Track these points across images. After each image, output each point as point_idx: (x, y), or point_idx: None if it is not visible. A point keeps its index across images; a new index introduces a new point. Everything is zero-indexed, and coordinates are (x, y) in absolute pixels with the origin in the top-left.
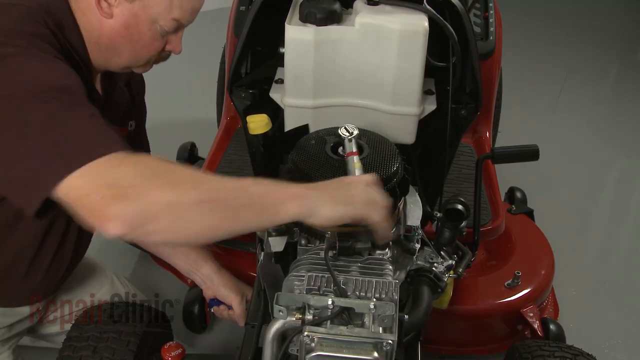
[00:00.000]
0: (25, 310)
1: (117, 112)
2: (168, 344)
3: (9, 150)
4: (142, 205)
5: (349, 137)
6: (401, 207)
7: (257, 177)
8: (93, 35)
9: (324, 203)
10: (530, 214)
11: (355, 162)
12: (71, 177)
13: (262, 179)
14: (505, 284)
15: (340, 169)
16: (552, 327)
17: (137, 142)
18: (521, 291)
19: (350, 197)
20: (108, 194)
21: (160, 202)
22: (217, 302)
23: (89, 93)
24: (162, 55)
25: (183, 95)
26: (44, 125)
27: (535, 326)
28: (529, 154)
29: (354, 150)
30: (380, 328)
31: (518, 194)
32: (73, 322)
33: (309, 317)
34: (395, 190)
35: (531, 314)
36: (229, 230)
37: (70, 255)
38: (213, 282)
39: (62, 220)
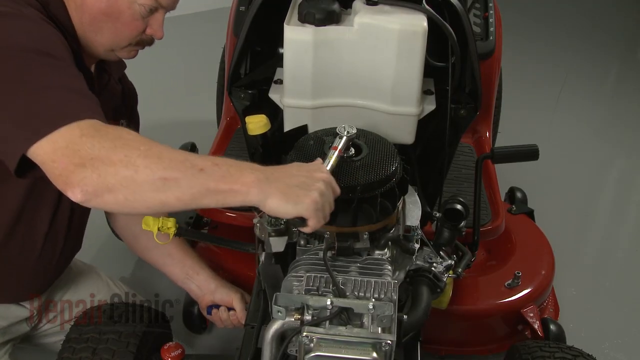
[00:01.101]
0: (21, 312)
1: (109, 104)
2: (168, 345)
3: None
4: (100, 177)
5: (342, 135)
6: (400, 207)
7: (218, 157)
8: (77, 13)
9: (275, 195)
10: (530, 214)
11: (333, 158)
12: (40, 143)
13: (223, 159)
14: (506, 284)
15: (340, 170)
16: (552, 327)
17: None
18: (521, 291)
19: (304, 196)
20: (71, 163)
21: (118, 176)
22: (215, 306)
23: (86, 78)
24: (144, 39)
25: (183, 95)
26: (24, 85)
27: (536, 326)
28: (529, 153)
29: (339, 147)
30: (379, 328)
31: (518, 194)
32: (72, 323)
33: (307, 317)
34: (394, 190)
35: (531, 314)
36: (182, 207)
37: (63, 234)
38: (210, 285)
39: (52, 199)
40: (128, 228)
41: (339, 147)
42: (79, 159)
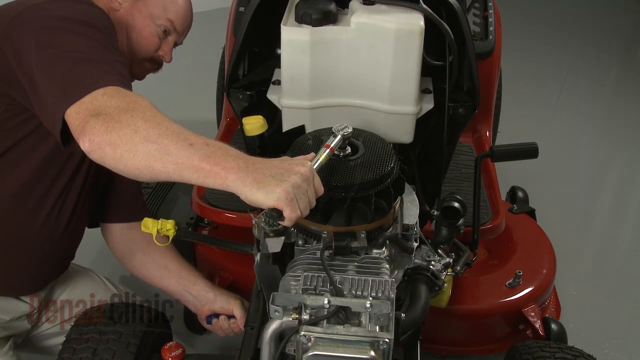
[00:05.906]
0: (23, 307)
1: None
2: (168, 344)
3: (45, 75)
4: (107, 131)
5: (337, 133)
6: (397, 206)
7: (212, 139)
8: None
9: (250, 183)
10: (532, 213)
11: (323, 155)
12: (73, 106)
13: (216, 142)
14: (507, 283)
15: (336, 169)
16: (553, 326)
17: None
18: (522, 290)
19: (276, 185)
20: (88, 114)
21: (120, 132)
22: (215, 316)
23: None
24: (155, 58)
25: (183, 96)
26: (75, 56)
27: (537, 326)
28: (528, 151)
29: (332, 145)
30: (377, 327)
31: (520, 194)
32: (72, 323)
33: (305, 316)
34: (388, 190)
35: (532, 314)
36: (166, 176)
37: (64, 224)
38: (209, 294)
39: (63, 182)
40: (125, 245)
41: (332, 145)
42: (95, 110)
